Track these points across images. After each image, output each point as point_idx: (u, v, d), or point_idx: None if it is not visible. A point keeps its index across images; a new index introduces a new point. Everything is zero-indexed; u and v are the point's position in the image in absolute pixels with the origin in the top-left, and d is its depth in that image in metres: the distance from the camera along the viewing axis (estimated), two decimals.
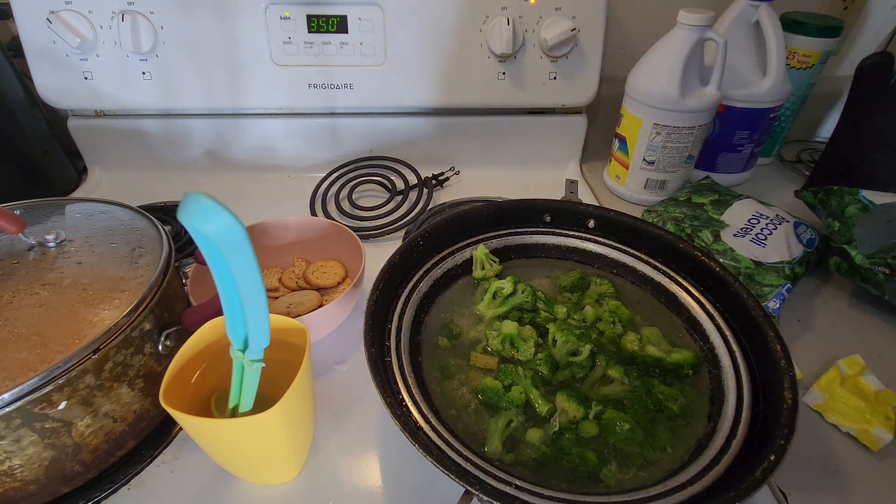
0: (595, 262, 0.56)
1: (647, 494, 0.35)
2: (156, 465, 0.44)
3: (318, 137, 0.83)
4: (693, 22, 0.65)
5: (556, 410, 0.42)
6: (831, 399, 0.49)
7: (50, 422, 0.36)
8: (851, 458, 0.45)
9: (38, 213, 0.49)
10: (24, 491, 0.37)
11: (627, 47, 0.88)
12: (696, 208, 0.68)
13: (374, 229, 0.71)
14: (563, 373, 0.45)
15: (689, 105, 0.68)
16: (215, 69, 0.75)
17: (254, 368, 0.35)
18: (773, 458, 0.33)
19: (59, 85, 0.73)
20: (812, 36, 0.77)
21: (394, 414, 0.35)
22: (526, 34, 0.75)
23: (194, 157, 0.83)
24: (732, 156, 0.81)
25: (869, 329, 0.58)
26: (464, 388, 0.44)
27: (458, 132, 0.84)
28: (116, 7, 0.69)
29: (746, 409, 0.40)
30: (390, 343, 0.44)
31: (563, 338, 0.45)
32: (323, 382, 0.51)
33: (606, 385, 0.44)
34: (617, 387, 0.44)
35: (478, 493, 0.32)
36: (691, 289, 0.50)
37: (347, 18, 0.73)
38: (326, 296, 0.58)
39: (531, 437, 0.40)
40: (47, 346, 0.36)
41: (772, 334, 0.41)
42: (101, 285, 0.41)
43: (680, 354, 0.45)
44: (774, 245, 0.61)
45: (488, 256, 0.54)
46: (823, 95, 0.87)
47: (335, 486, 0.43)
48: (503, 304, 0.50)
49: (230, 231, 0.25)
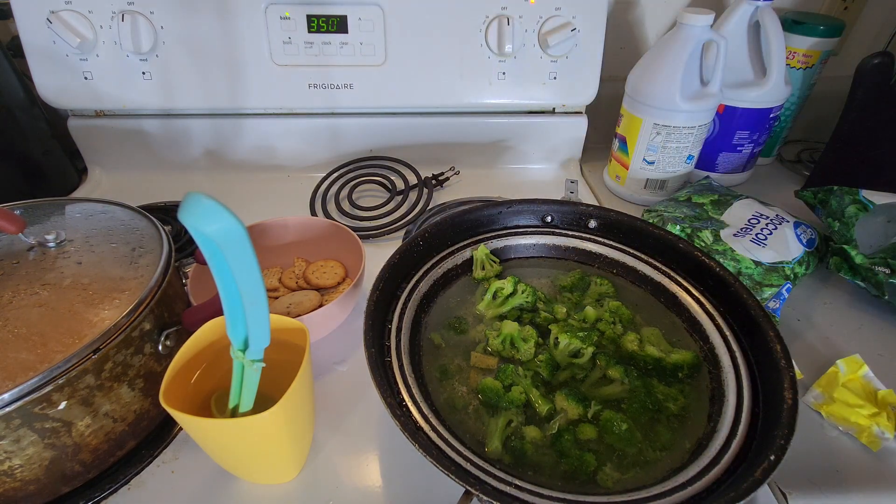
0: (595, 262, 0.56)
1: (647, 494, 0.35)
2: (156, 465, 0.44)
3: (318, 137, 0.83)
4: (693, 22, 0.65)
5: (557, 410, 0.42)
6: (831, 399, 0.49)
7: (50, 422, 0.36)
8: (851, 458, 0.45)
9: (38, 213, 0.49)
10: (24, 491, 0.37)
11: (627, 47, 0.88)
12: (696, 208, 0.68)
13: (374, 229, 0.71)
14: (563, 373, 0.45)
15: (689, 105, 0.68)
16: (215, 69, 0.75)
17: (254, 368, 0.35)
18: (773, 458, 0.33)
19: (59, 85, 0.73)
20: (812, 36, 0.77)
21: (394, 414, 0.35)
22: (526, 34, 0.75)
23: (194, 157, 0.83)
24: (732, 156, 0.81)
25: (869, 329, 0.58)
26: (464, 388, 0.44)
27: (458, 132, 0.84)
28: (116, 7, 0.69)
29: (746, 409, 0.40)
30: (390, 343, 0.44)
31: (566, 339, 0.45)
32: (323, 382, 0.51)
33: (606, 385, 0.44)
34: (616, 387, 0.44)
35: (478, 493, 0.32)
36: (691, 289, 0.50)
37: (347, 18, 0.73)
38: (326, 296, 0.58)
39: (529, 437, 0.40)
40: (47, 346, 0.36)
41: (772, 334, 0.41)
42: (101, 285, 0.41)
43: (680, 355, 0.45)
44: (774, 245, 0.61)
45: (489, 257, 0.54)
46: (823, 95, 0.87)
47: (335, 486, 0.43)
48: (503, 304, 0.50)
49: (231, 231, 0.25)
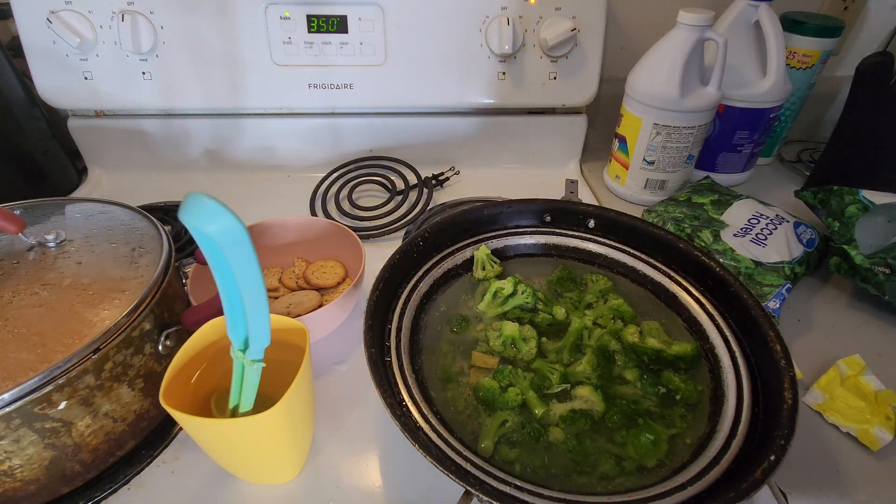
0: (595, 262, 0.56)
1: (648, 494, 0.35)
2: (156, 465, 0.44)
3: (318, 137, 0.83)
4: (693, 22, 0.65)
5: (552, 413, 0.42)
6: (831, 399, 0.49)
7: (50, 422, 0.36)
8: (851, 458, 0.45)
9: (38, 213, 0.49)
10: (24, 491, 0.37)
11: (627, 47, 0.88)
12: (696, 208, 0.68)
13: (374, 229, 0.71)
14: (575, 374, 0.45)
15: (689, 105, 0.68)
16: (215, 69, 0.75)
17: (254, 368, 0.35)
18: (773, 458, 0.33)
19: (59, 85, 0.73)
20: (812, 36, 0.77)
21: (394, 414, 0.35)
22: (526, 34, 0.75)
23: (194, 157, 0.83)
24: (732, 156, 0.81)
25: (869, 329, 0.58)
26: (464, 388, 0.44)
27: (458, 132, 0.84)
28: (116, 7, 0.69)
29: (746, 409, 0.40)
30: (390, 343, 0.44)
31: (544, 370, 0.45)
32: (323, 382, 0.51)
33: (622, 385, 0.44)
34: (630, 389, 0.44)
35: (477, 493, 0.32)
36: (691, 289, 0.50)
37: (347, 18, 0.73)
38: (326, 296, 0.58)
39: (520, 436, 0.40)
40: (47, 346, 0.36)
41: (772, 334, 0.41)
42: (101, 285, 0.41)
43: (680, 346, 0.45)
44: (774, 245, 0.61)
45: (489, 257, 0.54)
46: (823, 95, 0.87)
47: (335, 486, 0.43)
48: (503, 304, 0.50)
49: (231, 231, 0.25)
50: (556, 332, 0.49)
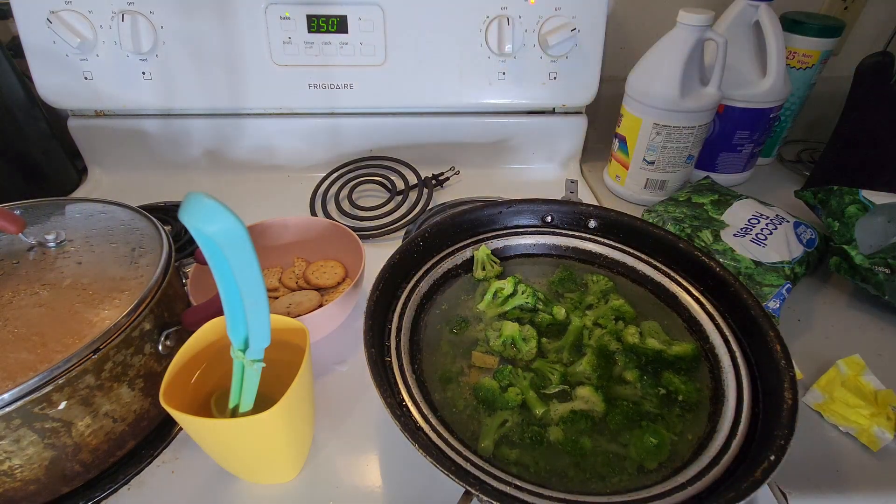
0: (595, 263, 0.56)
1: (648, 494, 0.35)
2: (156, 465, 0.44)
3: (318, 137, 0.83)
4: (693, 22, 0.65)
5: (552, 413, 0.42)
6: (831, 399, 0.49)
7: (50, 422, 0.36)
8: (851, 458, 0.45)
9: (38, 213, 0.49)
10: (24, 491, 0.37)
11: (627, 47, 0.88)
12: (696, 208, 0.68)
13: (374, 229, 0.71)
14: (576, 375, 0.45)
15: (689, 105, 0.68)
16: (215, 69, 0.75)
17: (254, 368, 0.35)
18: (773, 458, 0.33)
19: (59, 85, 0.73)
20: (812, 36, 0.77)
21: (394, 414, 0.35)
22: (526, 34, 0.75)
23: (194, 157, 0.83)
24: (732, 156, 0.81)
25: (869, 329, 0.58)
26: (464, 388, 0.44)
27: (458, 132, 0.84)
28: (116, 7, 0.69)
29: (746, 409, 0.40)
30: (390, 343, 0.44)
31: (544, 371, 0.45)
32: (323, 382, 0.51)
33: (621, 386, 0.44)
34: (629, 389, 0.44)
35: (478, 494, 0.32)
36: (691, 289, 0.50)
37: (347, 18, 0.73)
38: (326, 296, 0.58)
39: (519, 435, 0.40)
40: (47, 346, 0.36)
41: (772, 334, 0.41)
42: (101, 285, 0.41)
43: (680, 346, 0.45)
44: (774, 245, 0.61)
45: (490, 257, 0.54)
46: (823, 95, 0.87)
47: (335, 486, 0.43)
48: (503, 304, 0.50)
49: (232, 231, 0.25)
50: (556, 332, 0.49)
